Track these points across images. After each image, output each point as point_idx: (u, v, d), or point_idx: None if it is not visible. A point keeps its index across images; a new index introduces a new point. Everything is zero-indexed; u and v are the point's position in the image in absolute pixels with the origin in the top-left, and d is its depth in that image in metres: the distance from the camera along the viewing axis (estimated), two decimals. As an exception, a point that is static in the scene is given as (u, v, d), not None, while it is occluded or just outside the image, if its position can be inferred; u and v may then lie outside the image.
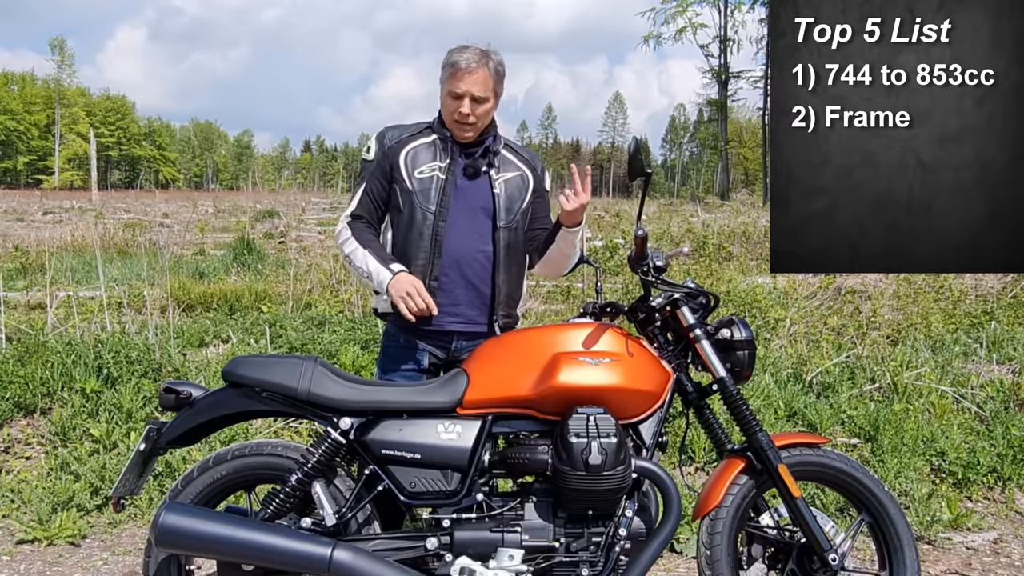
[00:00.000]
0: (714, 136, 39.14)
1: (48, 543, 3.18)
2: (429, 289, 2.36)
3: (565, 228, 2.39)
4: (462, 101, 2.34)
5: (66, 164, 67.46)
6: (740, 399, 2.24)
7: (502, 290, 2.43)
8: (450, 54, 2.38)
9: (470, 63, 2.33)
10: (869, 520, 2.33)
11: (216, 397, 2.21)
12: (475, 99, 2.35)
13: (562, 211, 2.35)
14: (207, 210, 21.22)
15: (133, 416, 3.88)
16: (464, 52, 2.35)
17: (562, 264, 2.51)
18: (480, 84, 2.34)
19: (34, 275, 8.48)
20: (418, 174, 2.40)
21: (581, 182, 2.30)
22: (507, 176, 2.46)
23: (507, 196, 2.44)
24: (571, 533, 2.11)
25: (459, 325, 2.43)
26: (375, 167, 2.44)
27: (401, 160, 2.42)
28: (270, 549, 1.99)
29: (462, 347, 2.45)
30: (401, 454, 2.13)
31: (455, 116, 2.37)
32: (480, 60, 2.34)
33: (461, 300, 2.42)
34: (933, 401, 4.36)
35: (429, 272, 2.38)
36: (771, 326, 5.60)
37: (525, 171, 2.50)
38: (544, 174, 2.57)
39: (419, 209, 2.38)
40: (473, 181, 2.43)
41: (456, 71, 2.34)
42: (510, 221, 2.43)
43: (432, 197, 2.38)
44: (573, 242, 2.42)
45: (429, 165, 2.41)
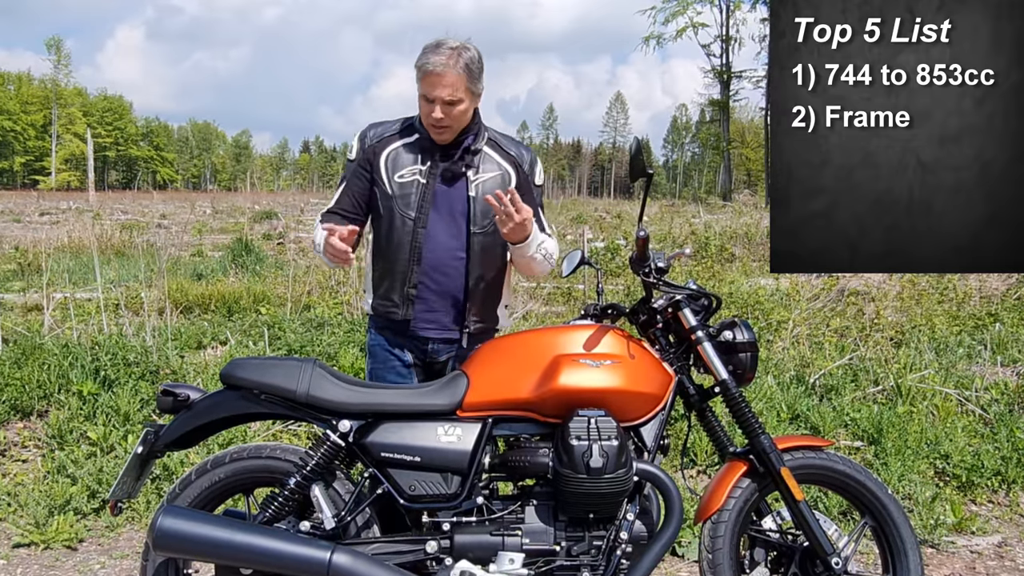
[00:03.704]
0: (716, 136, 39.19)
1: (45, 547, 3.15)
2: (408, 296, 2.37)
3: (511, 245, 2.35)
4: (434, 106, 2.27)
5: (63, 165, 67.48)
6: (742, 401, 2.23)
7: (475, 295, 2.40)
8: (423, 53, 2.29)
9: (437, 66, 2.24)
10: (872, 524, 2.31)
11: (214, 399, 2.20)
12: (447, 103, 2.28)
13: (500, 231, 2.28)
14: (205, 211, 21.22)
15: (130, 419, 3.87)
16: (435, 54, 2.26)
17: (532, 268, 2.45)
18: (450, 88, 2.25)
19: (31, 276, 8.47)
20: (399, 178, 2.36)
21: (509, 205, 2.19)
22: (485, 177, 2.40)
23: (483, 199, 2.36)
24: (572, 536, 2.10)
25: (434, 332, 2.42)
26: (356, 166, 2.41)
27: (382, 161, 2.38)
28: (268, 553, 1.98)
29: (439, 350, 2.45)
30: (401, 457, 2.11)
31: (429, 119, 2.31)
32: (450, 62, 2.24)
33: (437, 307, 2.41)
34: (937, 403, 4.35)
35: (408, 279, 2.37)
36: (774, 328, 5.59)
37: (507, 170, 2.43)
38: (535, 168, 2.49)
39: (399, 215, 2.36)
40: (451, 185, 2.39)
41: (425, 75, 2.26)
42: (485, 226, 2.38)
43: (412, 203, 2.35)
44: (526, 254, 2.36)
45: (410, 169, 2.37)
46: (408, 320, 2.40)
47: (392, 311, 2.41)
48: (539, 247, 2.39)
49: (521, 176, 2.44)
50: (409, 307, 2.39)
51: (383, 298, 2.43)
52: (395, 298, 2.40)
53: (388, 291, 2.41)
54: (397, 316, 2.40)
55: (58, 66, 72.29)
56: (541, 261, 2.42)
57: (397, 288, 2.39)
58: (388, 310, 2.42)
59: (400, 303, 2.39)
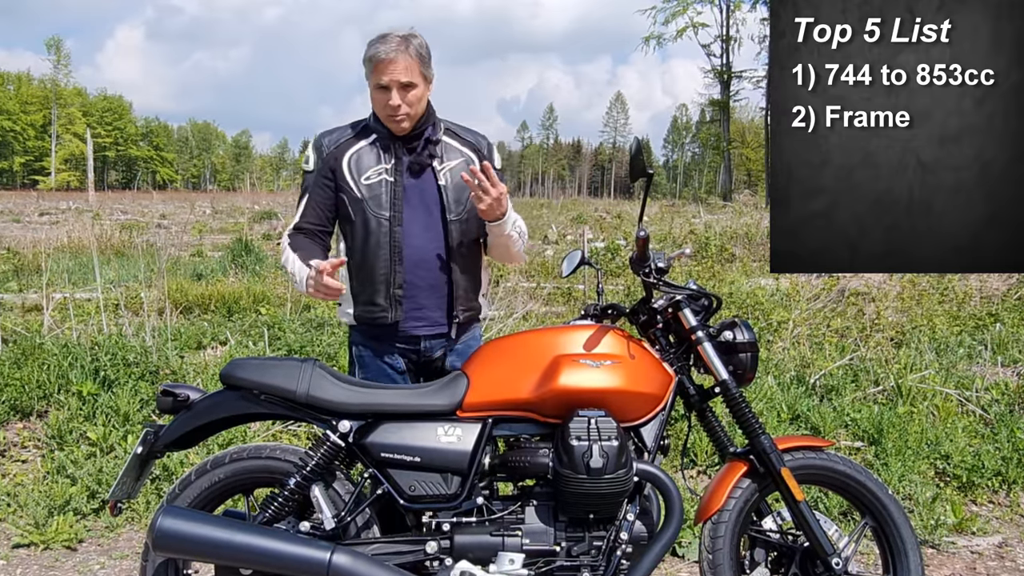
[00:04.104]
0: (716, 136, 39.18)
1: (44, 547, 3.15)
2: (394, 297, 2.33)
3: (488, 224, 2.34)
4: (390, 92, 2.25)
5: (62, 165, 67.50)
6: (743, 402, 2.22)
7: (459, 285, 2.39)
8: (369, 46, 2.28)
9: (389, 52, 2.23)
10: (873, 524, 2.31)
11: (214, 400, 2.19)
12: (402, 86, 2.25)
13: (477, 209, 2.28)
14: (205, 211, 21.23)
15: (130, 419, 3.86)
16: (382, 42, 2.25)
17: (510, 249, 2.43)
18: (403, 71, 2.24)
19: (30, 277, 8.47)
20: (365, 180, 2.33)
21: (485, 179, 2.20)
22: (451, 165, 2.38)
23: (454, 187, 2.36)
24: (572, 537, 2.09)
25: (425, 329, 2.39)
26: (316, 176, 2.36)
27: (344, 166, 2.33)
28: (268, 553, 1.97)
29: (431, 347, 2.42)
30: (401, 457, 2.11)
31: (386, 110, 2.28)
32: (399, 47, 2.24)
33: (425, 303, 2.37)
34: (937, 404, 4.34)
35: (392, 280, 2.33)
36: (774, 328, 5.59)
37: (470, 155, 2.41)
38: (492, 152, 2.48)
39: (373, 217, 2.31)
40: (419, 178, 2.36)
41: (377, 63, 2.25)
42: (460, 212, 2.36)
43: (384, 203, 2.32)
44: (504, 232, 2.35)
45: (375, 169, 2.34)
46: (397, 322, 2.35)
47: (380, 316, 2.35)
48: (514, 224, 2.39)
49: (482, 159, 2.42)
50: (397, 308, 2.34)
51: (367, 304, 2.36)
52: (380, 302, 2.34)
53: (372, 296, 2.35)
54: (386, 320, 2.35)
55: (58, 66, 72.38)
56: (517, 239, 2.42)
57: (382, 292, 2.34)
58: (375, 316, 2.35)
59: (388, 306, 2.34)
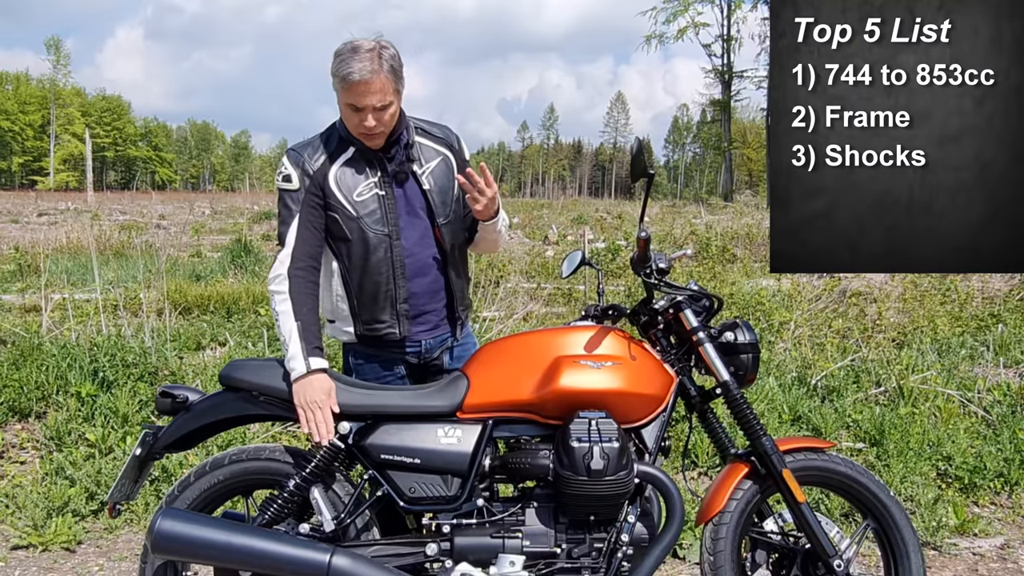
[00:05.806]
0: (717, 136, 39.22)
1: (43, 549, 3.14)
2: (400, 312, 2.29)
3: (482, 223, 2.34)
4: (364, 114, 2.14)
5: (61, 165, 67.51)
6: (744, 403, 2.22)
7: (456, 285, 2.38)
8: (339, 62, 2.11)
9: (364, 74, 2.09)
10: (874, 525, 2.30)
11: (213, 401, 2.19)
12: (378, 109, 2.15)
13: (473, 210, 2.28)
14: (204, 212, 21.23)
15: (129, 420, 3.86)
16: (355, 60, 2.09)
17: (497, 242, 2.45)
18: (379, 94, 2.12)
19: (29, 277, 8.46)
20: (357, 197, 2.24)
21: (482, 179, 2.20)
22: (431, 167, 2.34)
23: (438, 189, 2.32)
24: (573, 539, 2.09)
25: (429, 333, 2.37)
26: (305, 195, 2.22)
27: (332, 185, 2.23)
28: (268, 555, 1.97)
29: (432, 346, 2.39)
30: (401, 459, 2.10)
31: (360, 128, 2.18)
32: (373, 65, 2.10)
33: (428, 309, 2.35)
34: (939, 405, 4.33)
35: (397, 296, 2.28)
36: (775, 329, 5.58)
37: (446, 153, 2.38)
38: (462, 145, 2.43)
39: (372, 234, 2.24)
40: (404, 185, 2.32)
41: (351, 85, 2.10)
42: (448, 214, 2.34)
43: (380, 218, 2.26)
44: (496, 229, 2.36)
45: (365, 185, 2.25)
46: (405, 336, 2.32)
47: (387, 333, 2.29)
48: (503, 219, 2.40)
49: (456, 154, 2.40)
50: (405, 323, 2.30)
51: (370, 322, 2.29)
52: (386, 319, 2.29)
53: (376, 314, 2.28)
54: (395, 336, 2.30)
55: (57, 66, 72.36)
56: (503, 232, 2.43)
57: (387, 309, 2.28)
58: (381, 333, 2.30)
59: (394, 321, 2.29)
